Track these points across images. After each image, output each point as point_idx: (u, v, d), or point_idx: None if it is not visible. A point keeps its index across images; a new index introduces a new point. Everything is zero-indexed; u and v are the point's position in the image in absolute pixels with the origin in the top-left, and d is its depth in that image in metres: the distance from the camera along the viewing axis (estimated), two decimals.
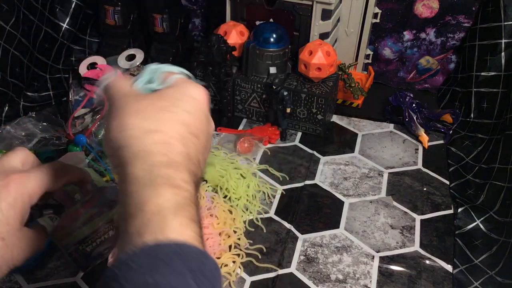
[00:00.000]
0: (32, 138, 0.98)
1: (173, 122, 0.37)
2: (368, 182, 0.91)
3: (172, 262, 0.30)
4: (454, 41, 1.11)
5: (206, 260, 0.31)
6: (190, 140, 0.37)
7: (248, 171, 0.90)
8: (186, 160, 0.36)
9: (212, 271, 0.32)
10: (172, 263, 0.29)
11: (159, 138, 0.36)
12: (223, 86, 1.02)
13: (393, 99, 1.05)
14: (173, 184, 0.33)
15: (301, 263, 0.76)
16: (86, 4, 1.17)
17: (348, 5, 1.05)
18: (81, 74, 1.04)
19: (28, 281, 0.71)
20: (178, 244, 0.31)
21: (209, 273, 0.31)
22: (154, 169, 0.34)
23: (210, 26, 1.28)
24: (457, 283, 0.74)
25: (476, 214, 0.83)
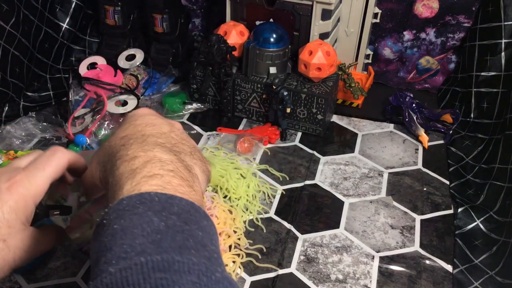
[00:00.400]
0: (32, 138, 0.98)
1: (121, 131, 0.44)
2: (368, 182, 0.91)
3: (136, 209, 0.33)
4: (454, 41, 1.11)
5: (173, 200, 0.34)
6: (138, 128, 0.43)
7: (248, 171, 0.90)
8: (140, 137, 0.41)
9: (182, 207, 0.34)
10: (136, 209, 0.33)
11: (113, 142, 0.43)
12: (223, 86, 1.02)
13: (393, 99, 1.05)
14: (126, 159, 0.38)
15: (301, 263, 0.76)
16: (86, 4, 1.17)
17: (348, 5, 1.05)
18: (81, 74, 1.04)
19: (28, 281, 0.71)
20: (140, 194, 0.34)
21: (178, 210, 0.34)
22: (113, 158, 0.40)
23: (210, 26, 1.28)
24: (457, 283, 0.74)
25: (476, 214, 0.83)
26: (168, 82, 1.16)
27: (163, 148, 0.40)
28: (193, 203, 0.35)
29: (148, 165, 0.37)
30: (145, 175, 0.36)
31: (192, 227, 0.33)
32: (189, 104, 1.07)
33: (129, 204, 0.33)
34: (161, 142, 0.41)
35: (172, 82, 1.16)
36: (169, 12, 1.12)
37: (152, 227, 0.32)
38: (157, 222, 0.32)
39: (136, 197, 0.34)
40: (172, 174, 0.37)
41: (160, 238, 0.31)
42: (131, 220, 0.32)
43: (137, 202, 0.33)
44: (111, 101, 0.99)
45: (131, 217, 0.32)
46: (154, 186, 0.35)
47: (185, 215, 0.34)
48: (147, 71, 1.12)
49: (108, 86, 1.00)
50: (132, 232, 0.31)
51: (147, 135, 0.41)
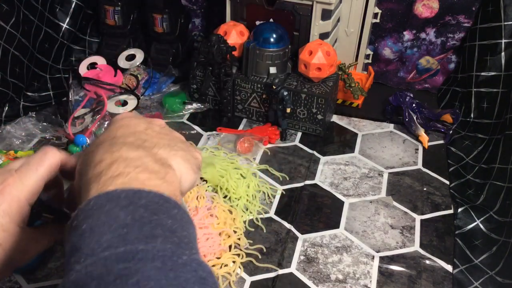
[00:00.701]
0: (32, 138, 0.98)
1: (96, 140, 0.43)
2: (368, 182, 0.91)
3: (103, 207, 0.33)
4: (454, 41, 1.11)
5: (140, 194, 0.34)
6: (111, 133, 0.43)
7: (248, 171, 0.90)
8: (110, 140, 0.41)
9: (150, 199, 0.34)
10: (103, 208, 0.33)
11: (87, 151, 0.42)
12: (223, 86, 1.02)
13: (393, 99, 1.05)
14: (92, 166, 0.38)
15: (301, 263, 0.76)
16: (86, 4, 1.17)
17: (348, 5, 1.05)
18: (81, 74, 1.04)
19: (28, 281, 0.71)
20: (106, 193, 0.34)
21: (146, 202, 0.34)
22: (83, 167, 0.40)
23: (210, 26, 1.28)
24: (457, 283, 0.74)
25: (476, 214, 0.83)
26: (168, 82, 1.16)
27: (131, 146, 0.40)
28: (162, 194, 0.35)
29: (114, 166, 0.37)
30: (110, 175, 0.36)
31: (161, 216, 0.34)
32: (189, 104, 1.07)
33: (97, 203, 0.33)
34: (130, 140, 0.41)
35: (172, 82, 1.16)
36: (169, 12, 1.12)
37: (118, 222, 0.32)
38: (124, 216, 0.32)
39: (103, 196, 0.34)
40: (139, 170, 0.37)
41: (127, 231, 0.31)
42: (99, 219, 0.32)
43: (104, 201, 0.33)
44: (111, 101, 0.99)
45: (98, 215, 0.32)
46: (119, 185, 0.35)
47: (153, 206, 0.34)
48: (147, 71, 1.12)
49: (108, 86, 1.00)
50: (99, 230, 0.32)
51: (117, 137, 0.41)
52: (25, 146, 0.96)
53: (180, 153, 0.43)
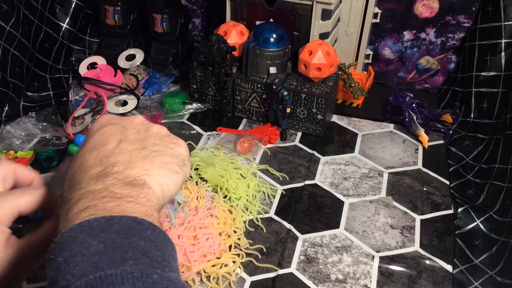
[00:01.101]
0: (32, 138, 0.98)
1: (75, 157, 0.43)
2: (368, 182, 0.91)
3: (76, 239, 0.33)
4: (454, 41, 1.11)
5: (112, 220, 0.35)
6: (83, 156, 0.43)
7: (248, 171, 0.90)
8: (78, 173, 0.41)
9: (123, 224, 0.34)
10: (76, 239, 0.33)
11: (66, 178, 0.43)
12: (223, 86, 1.02)
13: (393, 99, 1.05)
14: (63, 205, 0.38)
15: (301, 263, 0.76)
16: (86, 4, 1.17)
17: (348, 5, 1.05)
18: (81, 74, 1.04)
19: (28, 281, 0.71)
20: (79, 224, 0.34)
21: (118, 228, 0.34)
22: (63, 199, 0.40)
23: (210, 26, 1.28)
24: (457, 283, 0.74)
25: (476, 214, 0.83)
26: (168, 82, 1.16)
27: (98, 178, 0.39)
28: (134, 217, 0.36)
29: (80, 202, 0.37)
30: (77, 210, 0.36)
31: (133, 240, 0.34)
32: (189, 104, 1.07)
33: (70, 235, 0.34)
34: (98, 170, 0.40)
35: (172, 82, 1.17)
36: (169, 12, 1.12)
37: (90, 251, 0.32)
38: (96, 245, 0.33)
39: (75, 227, 0.34)
40: (107, 200, 0.37)
41: (98, 259, 0.32)
42: (72, 250, 0.33)
43: (77, 232, 0.34)
44: (111, 101, 0.99)
45: (72, 246, 0.33)
46: (87, 217, 0.35)
47: (125, 230, 0.34)
48: (147, 71, 1.12)
49: (108, 86, 1.00)
50: (74, 261, 0.32)
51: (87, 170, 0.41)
52: (25, 146, 0.96)
53: (157, 160, 0.42)
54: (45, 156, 0.92)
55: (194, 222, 0.76)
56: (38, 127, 1.00)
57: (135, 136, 0.44)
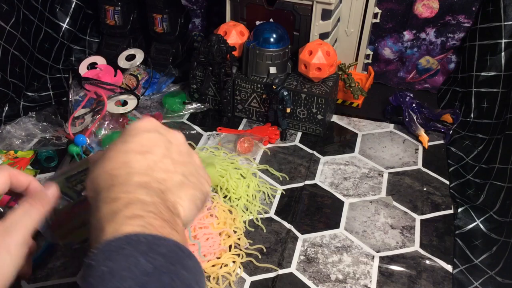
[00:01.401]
0: (32, 138, 0.98)
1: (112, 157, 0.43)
2: (368, 182, 0.91)
3: (122, 250, 0.34)
4: (454, 41, 1.11)
5: (159, 241, 0.35)
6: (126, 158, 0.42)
7: (248, 171, 0.90)
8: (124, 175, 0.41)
9: (169, 248, 0.35)
10: (122, 250, 0.34)
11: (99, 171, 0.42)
12: (223, 86, 1.02)
13: (393, 99, 1.05)
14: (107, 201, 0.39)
15: (301, 263, 0.76)
16: (86, 4, 1.17)
17: (348, 5, 1.05)
18: (81, 74, 1.04)
19: (28, 281, 0.71)
20: (127, 236, 0.35)
21: (164, 250, 0.35)
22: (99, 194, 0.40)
23: (210, 26, 1.28)
24: (457, 283, 0.74)
25: (476, 214, 0.83)
26: (168, 82, 1.16)
27: (146, 189, 0.40)
28: (178, 243, 0.36)
29: (130, 206, 0.37)
30: (126, 215, 0.37)
31: (178, 267, 0.35)
32: (189, 104, 1.07)
33: (116, 246, 0.34)
34: (145, 180, 0.41)
35: (172, 82, 1.17)
36: (169, 12, 1.12)
37: (139, 269, 0.33)
38: (144, 264, 0.33)
39: (123, 238, 0.35)
40: (154, 216, 0.37)
41: (147, 280, 0.32)
42: (119, 262, 0.33)
43: (123, 243, 0.34)
44: (111, 101, 0.99)
45: (118, 258, 0.33)
46: (136, 227, 0.36)
47: (171, 255, 0.35)
48: (147, 71, 1.12)
49: (108, 86, 1.00)
50: (120, 275, 0.32)
51: (132, 173, 0.41)
52: (25, 146, 0.96)
53: (189, 192, 0.43)
54: (45, 156, 0.92)
55: (194, 222, 0.76)
56: (38, 127, 1.00)
57: (177, 157, 0.44)
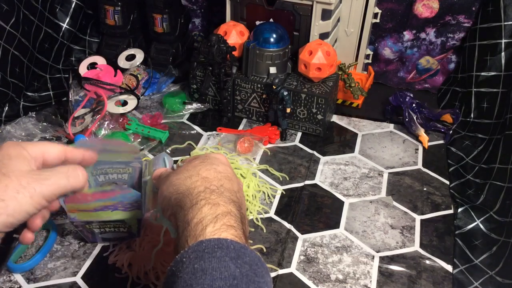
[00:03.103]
0: (32, 138, 0.98)
1: (203, 169, 0.50)
2: (368, 182, 0.91)
3: (214, 252, 0.37)
4: (454, 41, 1.11)
5: (245, 251, 0.39)
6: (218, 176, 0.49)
7: (248, 171, 0.90)
8: (219, 187, 0.47)
9: (252, 259, 0.39)
10: (214, 253, 0.37)
11: (195, 178, 0.48)
12: (223, 86, 1.02)
13: (393, 99, 1.05)
14: (210, 203, 0.44)
15: (301, 263, 0.76)
16: (86, 4, 1.17)
17: (348, 5, 1.05)
18: (81, 74, 1.04)
19: (28, 281, 0.71)
20: (219, 239, 0.39)
21: (249, 260, 0.38)
22: (196, 196, 0.45)
23: (210, 26, 1.28)
24: (457, 283, 0.74)
25: (476, 214, 0.83)
26: (168, 82, 1.16)
27: (236, 205, 0.46)
28: (260, 257, 0.41)
29: (228, 216, 0.43)
30: (225, 223, 0.41)
31: (260, 280, 0.38)
32: (189, 104, 1.07)
33: (208, 247, 0.37)
34: (234, 199, 0.47)
35: (172, 82, 1.17)
36: (169, 12, 1.12)
37: (229, 272, 0.36)
38: (233, 268, 0.36)
39: (214, 241, 0.38)
40: (242, 229, 0.43)
41: (236, 283, 0.35)
42: (211, 263, 0.36)
43: (215, 246, 0.38)
44: (111, 101, 0.99)
45: (210, 259, 0.36)
46: (231, 236, 0.40)
47: (255, 266, 0.38)
48: (147, 71, 1.12)
49: (108, 86, 1.00)
50: (212, 274, 0.35)
51: (225, 189, 0.47)
52: None
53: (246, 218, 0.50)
54: None
55: None
56: (38, 127, 1.00)
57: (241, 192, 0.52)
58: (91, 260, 0.74)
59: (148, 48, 1.19)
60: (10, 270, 0.72)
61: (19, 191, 0.45)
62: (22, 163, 0.47)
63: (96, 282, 0.71)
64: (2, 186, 0.44)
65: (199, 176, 0.48)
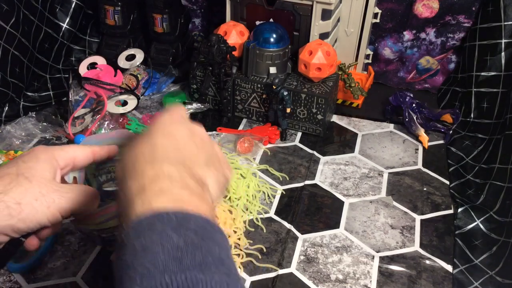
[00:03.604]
0: (32, 138, 0.98)
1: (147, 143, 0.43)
2: (368, 182, 0.91)
3: (153, 226, 0.34)
4: (454, 41, 1.11)
5: (189, 217, 0.36)
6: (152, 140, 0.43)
7: (248, 171, 0.90)
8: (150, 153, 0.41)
9: (198, 223, 0.35)
10: (153, 226, 0.34)
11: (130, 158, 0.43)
12: (223, 86, 1.02)
13: (393, 99, 1.05)
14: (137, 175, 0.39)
15: (301, 263, 0.76)
16: (86, 4, 1.17)
17: (348, 5, 1.05)
18: (81, 74, 1.04)
19: (28, 281, 0.71)
20: (157, 213, 0.35)
21: (194, 226, 0.35)
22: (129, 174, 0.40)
23: (210, 26, 1.28)
24: (457, 283, 0.74)
25: (476, 214, 0.83)
26: (168, 82, 1.16)
27: (172, 162, 0.40)
28: (208, 219, 0.37)
29: (157, 181, 0.38)
30: (154, 191, 0.37)
31: (209, 243, 0.35)
32: (189, 104, 1.07)
33: (147, 223, 0.34)
34: (171, 156, 0.41)
35: (172, 82, 1.17)
36: (169, 12, 1.12)
37: (171, 244, 0.33)
38: (176, 239, 0.33)
39: (153, 215, 0.35)
40: (181, 190, 0.38)
41: (181, 255, 0.32)
42: (151, 238, 0.33)
43: (154, 220, 0.35)
44: (111, 101, 0.99)
45: (150, 235, 0.33)
46: (164, 203, 0.36)
47: (201, 231, 0.35)
48: (147, 71, 1.12)
49: (108, 86, 1.00)
50: (153, 250, 0.32)
51: (157, 148, 0.42)
52: (25, 146, 0.96)
53: (214, 173, 0.44)
54: None
55: None
56: (38, 127, 1.00)
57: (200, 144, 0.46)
58: (91, 260, 0.74)
59: (148, 48, 1.19)
60: (10, 270, 0.72)
61: (37, 198, 0.44)
62: (47, 171, 0.46)
63: (96, 282, 0.71)
64: (22, 190, 0.43)
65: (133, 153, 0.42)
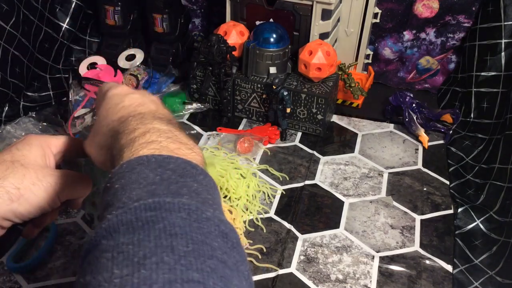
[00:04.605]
0: None
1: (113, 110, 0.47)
2: (368, 182, 0.91)
3: (133, 169, 0.36)
4: (454, 41, 1.11)
5: (169, 159, 0.37)
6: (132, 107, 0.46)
7: (248, 171, 0.90)
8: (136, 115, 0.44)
9: (178, 165, 0.37)
10: (134, 169, 0.36)
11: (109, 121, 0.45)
12: (223, 86, 1.02)
13: (393, 99, 1.05)
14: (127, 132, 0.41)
15: (301, 263, 0.76)
16: (86, 4, 1.17)
17: (348, 5, 1.05)
18: (81, 74, 1.04)
19: (28, 281, 0.71)
20: (138, 157, 0.37)
21: (174, 167, 0.36)
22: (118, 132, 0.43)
23: (210, 26, 1.28)
24: (457, 283, 0.74)
25: (476, 214, 0.83)
26: (168, 82, 1.16)
27: (161, 120, 0.43)
28: (189, 161, 0.38)
29: (147, 134, 0.40)
30: (143, 142, 0.39)
31: (187, 180, 0.36)
32: (189, 104, 1.07)
33: (128, 166, 0.36)
34: (159, 116, 0.44)
35: (172, 82, 1.16)
36: (169, 12, 1.12)
37: (147, 181, 0.35)
38: (152, 177, 0.35)
39: (134, 160, 0.37)
40: (170, 140, 0.40)
41: (155, 188, 0.34)
42: (130, 178, 0.35)
43: (135, 164, 0.36)
44: None
45: (129, 175, 0.35)
46: (151, 150, 0.38)
47: (180, 171, 0.36)
48: (147, 71, 1.12)
49: None
50: (130, 187, 0.34)
51: (144, 113, 0.44)
52: None
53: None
54: None
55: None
56: (38, 127, 1.00)
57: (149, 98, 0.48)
58: None
59: (148, 48, 1.19)
60: (10, 270, 0.72)
61: (34, 183, 0.45)
62: (40, 157, 0.48)
63: None
64: (20, 176, 0.45)
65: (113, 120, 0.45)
